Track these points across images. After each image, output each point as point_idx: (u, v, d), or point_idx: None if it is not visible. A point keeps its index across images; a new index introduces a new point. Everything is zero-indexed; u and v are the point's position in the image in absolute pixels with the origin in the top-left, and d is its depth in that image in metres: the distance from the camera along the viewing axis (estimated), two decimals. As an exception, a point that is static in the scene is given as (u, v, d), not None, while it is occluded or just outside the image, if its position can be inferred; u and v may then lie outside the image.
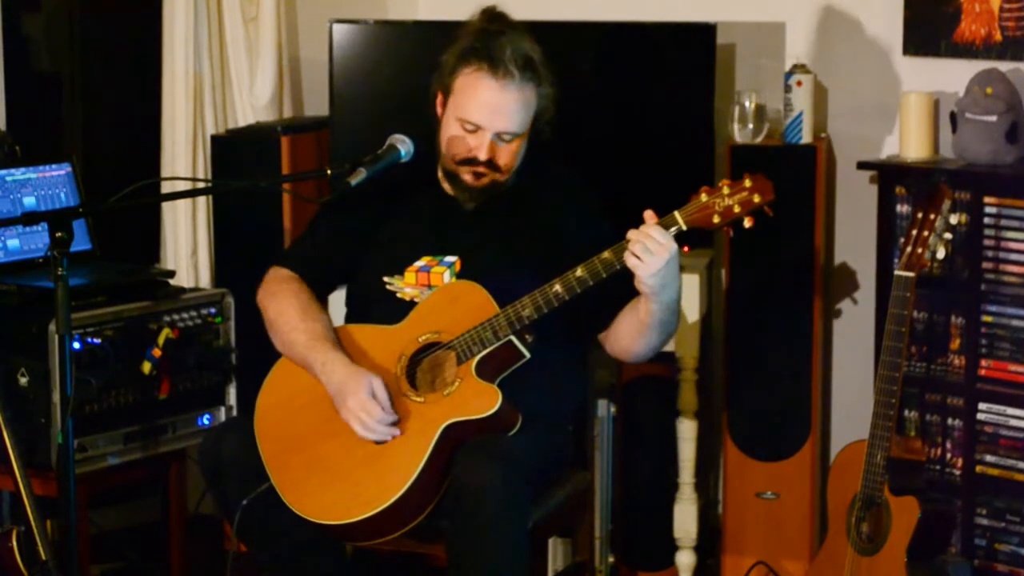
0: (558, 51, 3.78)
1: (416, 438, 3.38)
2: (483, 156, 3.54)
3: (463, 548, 3.34)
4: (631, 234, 3.32)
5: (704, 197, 3.35)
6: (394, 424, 3.40)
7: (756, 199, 3.33)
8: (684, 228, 3.34)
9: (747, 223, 3.34)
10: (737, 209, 3.33)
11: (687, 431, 4.47)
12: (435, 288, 3.56)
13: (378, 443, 3.42)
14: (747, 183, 3.33)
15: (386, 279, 3.62)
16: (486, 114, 3.52)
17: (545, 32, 3.73)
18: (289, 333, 3.56)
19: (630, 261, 3.32)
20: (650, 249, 3.29)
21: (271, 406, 3.54)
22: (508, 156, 3.56)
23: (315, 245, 3.72)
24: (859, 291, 4.64)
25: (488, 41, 3.53)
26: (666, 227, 3.33)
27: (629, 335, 3.53)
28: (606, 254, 3.37)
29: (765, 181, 3.34)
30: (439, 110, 3.62)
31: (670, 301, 3.42)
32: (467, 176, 3.57)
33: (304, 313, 3.58)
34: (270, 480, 3.45)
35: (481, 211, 3.63)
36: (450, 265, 3.59)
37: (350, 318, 3.69)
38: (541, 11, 4.64)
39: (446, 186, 3.67)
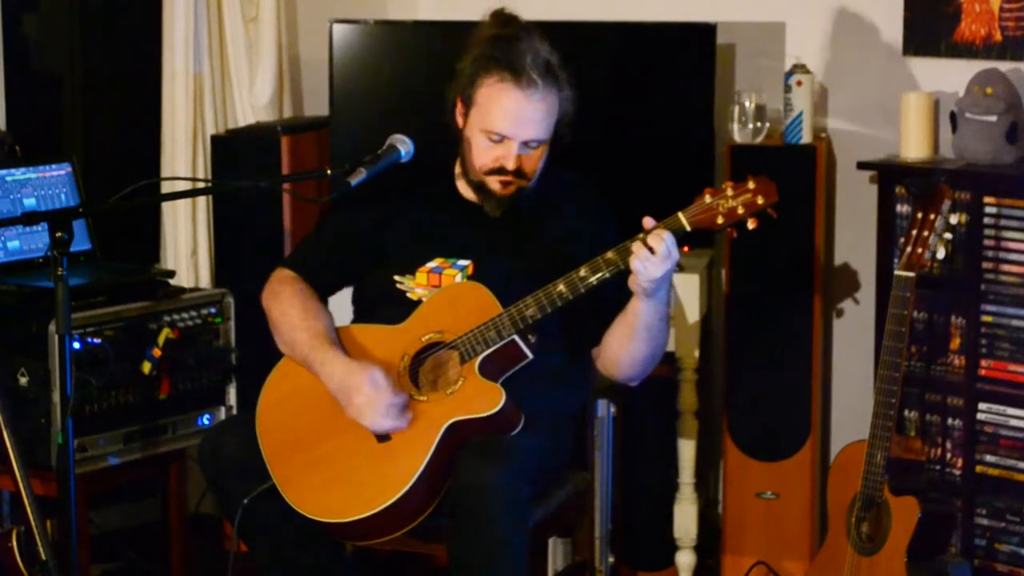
0: (558, 51, 3.77)
1: (418, 437, 3.38)
2: (511, 166, 3.52)
3: (463, 548, 3.34)
4: (649, 240, 3.31)
5: (708, 198, 3.34)
6: (403, 409, 3.40)
7: (760, 201, 3.32)
8: (688, 229, 3.34)
9: (751, 224, 3.33)
10: (741, 211, 3.32)
11: (687, 431, 4.47)
12: (443, 289, 3.57)
13: (381, 440, 3.41)
14: (751, 184, 3.33)
15: (397, 278, 3.61)
16: (513, 125, 3.50)
17: (545, 32, 3.73)
18: (291, 333, 3.56)
19: (637, 266, 3.31)
20: (660, 254, 3.30)
21: (273, 404, 3.54)
22: (534, 163, 3.55)
23: (320, 247, 3.72)
24: (859, 291, 4.64)
25: (507, 48, 3.50)
26: (669, 228, 3.33)
27: (618, 343, 3.52)
28: (610, 254, 3.37)
29: (769, 183, 3.33)
30: (459, 120, 3.59)
31: (660, 301, 3.42)
32: (495, 185, 3.55)
33: (306, 312, 3.58)
34: (271, 478, 3.45)
35: (496, 216, 3.62)
36: (463, 268, 3.59)
37: (357, 317, 3.69)
38: (541, 11, 4.64)
39: (464, 190, 3.66)
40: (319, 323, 3.56)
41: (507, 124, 3.50)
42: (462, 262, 3.59)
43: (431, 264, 3.60)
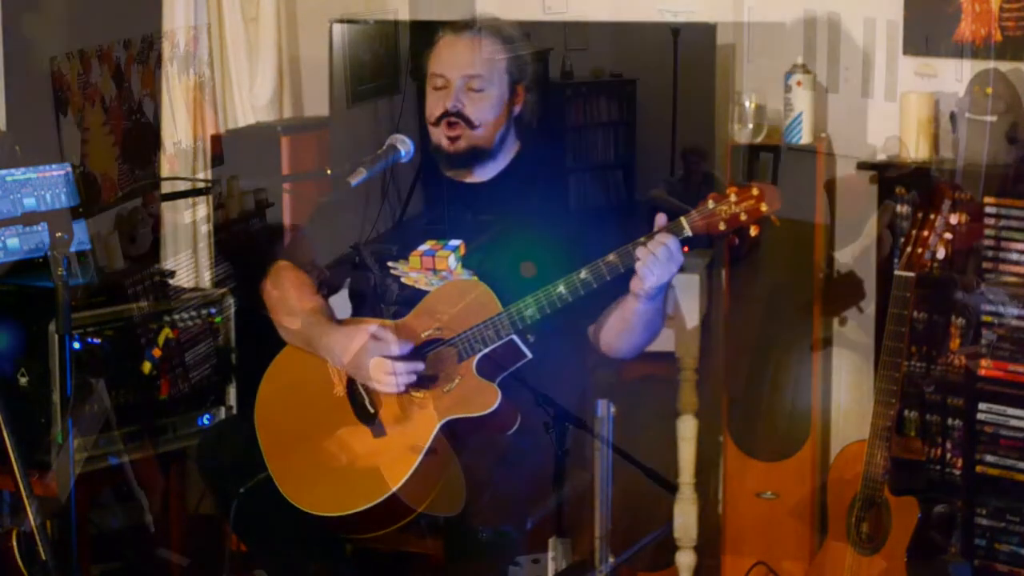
0: (559, 51, 3.79)
1: (414, 433, 3.39)
2: (450, 103, 3.57)
3: (460, 547, 3.34)
4: (650, 245, 3.32)
5: (711, 204, 3.35)
6: (413, 359, 3.42)
7: (763, 208, 3.33)
8: (690, 234, 3.35)
9: (753, 231, 3.34)
10: (743, 217, 3.33)
11: (687, 431, 4.47)
12: (440, 271, 3.57)
13: (376, 435, 3.41)
14: (754, 191, 3.33)
15: (391, 264, 3.63)
16: (447, 62, 3.61)
17: (546, 32, 3.74)
18: (290, 315, 3.59)
19: (643, 272, 3.32)
20: (663, 259, 3.31)
21: (272, 398, 3.55)
22: (478, 108, 3.59)
23: (315, 238, 3.73)
24: (859, 291, 4.64)
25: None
26: (672, 232, 3.33)
27: (616, 331, 3.54)
28: (611, 257, 3.38)
29: (773, 190, 3.34)
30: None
31: (659, 301, 3.44)
32: (443, 140, 3.61)
33: (303, 294, 3.62)
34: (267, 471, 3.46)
35: (484, 196, 3.64)
36: (454, 249, 3.60)
37: (356, 308, 3.70)
38: (541, 11, 4.65)
39: (447, 172, 3.68)
40: (316, 303, 3.59)
41: (442, 63, 3.61)
42: (453, 242, 3.61)
43: (423, 247, 3.62)
